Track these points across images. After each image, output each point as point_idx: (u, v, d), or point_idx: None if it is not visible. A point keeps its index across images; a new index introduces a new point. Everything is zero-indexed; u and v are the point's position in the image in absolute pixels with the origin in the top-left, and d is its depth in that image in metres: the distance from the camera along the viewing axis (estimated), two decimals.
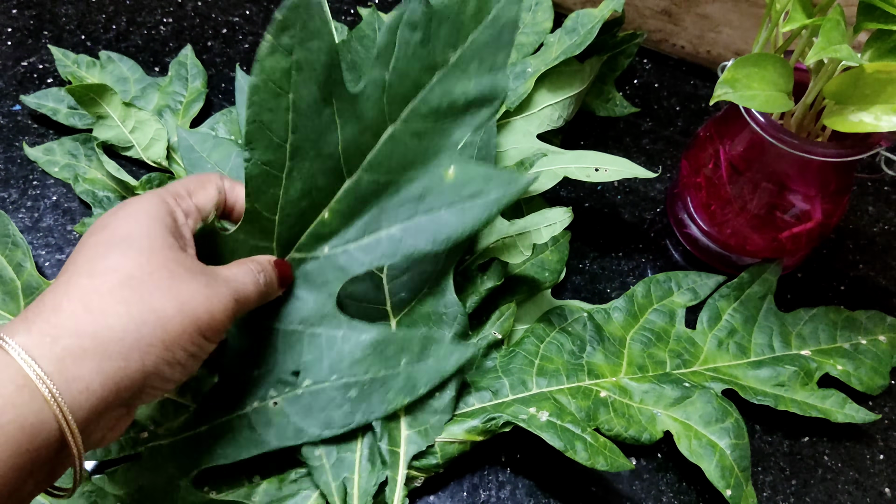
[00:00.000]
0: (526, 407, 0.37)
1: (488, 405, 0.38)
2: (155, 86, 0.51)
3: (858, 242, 0.49)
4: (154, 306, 0.28)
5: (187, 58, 0.52)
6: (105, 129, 0.47)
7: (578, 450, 0.35)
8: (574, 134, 0.53)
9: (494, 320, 0.41)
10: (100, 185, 0.46)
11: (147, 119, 0.48)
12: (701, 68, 0.57)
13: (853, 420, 0.39)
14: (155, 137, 0.48)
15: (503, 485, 0.39)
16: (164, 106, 0.50)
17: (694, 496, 0.39)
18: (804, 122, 0.39)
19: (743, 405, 0.39)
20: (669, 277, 0.44)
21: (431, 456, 0.37)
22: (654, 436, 0.38)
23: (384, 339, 0.36)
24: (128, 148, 0.48)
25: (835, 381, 0.41)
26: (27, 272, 0.41)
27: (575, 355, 0.40)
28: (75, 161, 0.48)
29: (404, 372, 0.36)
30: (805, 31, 0.36)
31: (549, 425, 0.36)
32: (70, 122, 0.49)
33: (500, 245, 0.41)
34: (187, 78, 0.51)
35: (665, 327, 0.42)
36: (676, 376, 0.40)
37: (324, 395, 0.36)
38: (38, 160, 0.48)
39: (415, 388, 0.36)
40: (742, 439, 0.37)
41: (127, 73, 0.51)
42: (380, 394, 0.36)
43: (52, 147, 0.48)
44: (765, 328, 0.43)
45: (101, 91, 0.47)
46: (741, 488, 0.36)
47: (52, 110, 0.50)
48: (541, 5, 0.52)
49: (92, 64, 0.51)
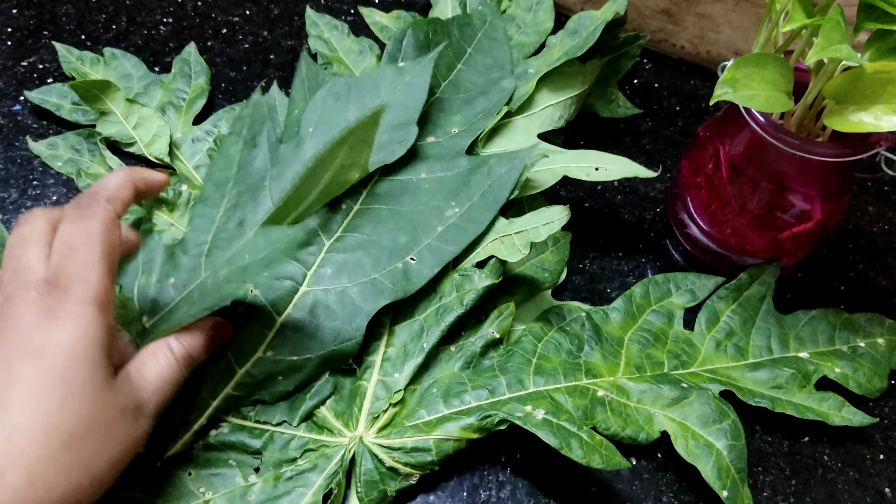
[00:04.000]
0: (522, 405, 0.37)
1: (484, 403, 0.38)
2: (158, 83, 0.51)
3: (858, 242, 0.49)
4: (93, 472, 0.28)
5: (191, 55, 0.52)
6: (108, 125, 0.48)
7: (574, 447, 0.35)
8: (574, 134, 0.53)
9: (493, 319, 0.41)
10: None
11: (150, 115, 0.48)
12: (701, 68, 0.57)
13: (850, 423, 0.39)
14: (158, 134, 0.48)
15: (503, 485, 0.39)
16: (167, 102, 0.50)
17: (693, 496, 0.39)
18: (804, 122, 0.39)
19: (742, 405, 0.39)
20: (668, 278, 0.44)
21: (426, 453, 0.36)
22: (651, 435, 0.38)
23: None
24: (130, 144, 0.48)
25: (833, 384, 0.41)
26: None
27: (573, 355, 0.40)
28: (78, 156, 0.48)
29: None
30: (805, 31, 0.36)
31: (544, 423, 0.36)
32: (73, 117, 0.50)
33: (497, 243, 0.41)
34: (190, 75, 0.52)
35: (663, 328, 0.42)
36: (674, 377, 0.40)
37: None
38: (42, 154, 0.48)
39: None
40: (739, 440, 0.37)
41: (130, 70, 0.52)
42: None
43: (55, 142, 0.49)
44: (763, 330, 0.43)
45: (105, 87, 0.47)
46: (737, 489, 0.36)
47: (55, 105, 0.50)
48: (542, 5, 0.52)
49: (96, 60, 0.52)
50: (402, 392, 0.39)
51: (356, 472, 0.36)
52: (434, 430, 0.37)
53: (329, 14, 0.55)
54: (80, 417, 0.27)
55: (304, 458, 0.37)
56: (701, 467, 0.36)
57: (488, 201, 0.42)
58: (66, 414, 0.26)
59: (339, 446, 0.37)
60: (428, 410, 0.38)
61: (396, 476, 0.37)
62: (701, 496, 0.39)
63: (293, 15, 0.58)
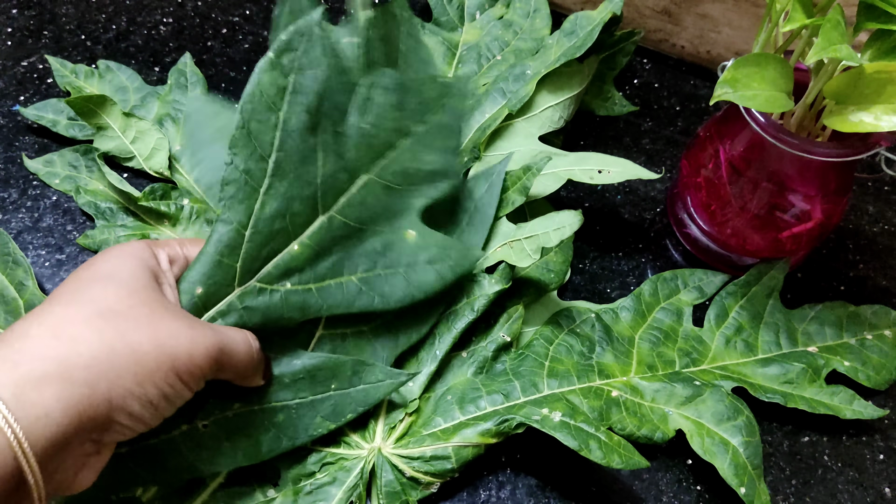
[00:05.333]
0: (538, 408, 0.37)
1: (500, 408, 0.38)
2: (154, 95, 0.50)
3: (858, 242, 0.49)
4: (129, 338, 0.27)
5: (186, 66, 0.52)
6: (106, 140, 0.47)
7: (593, 449, 0.35)
8: (574, 134, 0.53)
9: (502, 323, 0.41)
10: (102, 196, 0.46)
11: (148, 129, 0.47)
12: (701, 68, 0.57)
13: (861, 416, 0.39)
14: (156, 147, 0.47)
15: (503, 485, 0.39)
16: (165, 115, 0.49)
17: (694, 496, 0.39)
18: (804, 122, 0.39)
19: (749, 404, 0.39)
20: (676, 275, 0.44)
21: (446, 460, 0.36)
22: (666, 434, 0.38)
23: (317, 365, 0.36)
24: (129, 158, 0.47)
25: (842, 378, 0.42)
26: (29, 291, 0.41)
27: (585, 356, 0.41)
28: (76, 172, 0.47)
29: (334, 397, 0.36)
30: (805, 31, 0.36)
31: (562, 425, 0.36)
32: (70, 133, 0.49)
33: (506, 248, 0.41)
34: (187, 86, 0.51)
35: (673, 326, 0.42)
36: (686, 375, 0.40)
37: (252, 418, 0.35)
38: (39, 172, 0.47)
39: (342, 414, 0.36)
40: (754, 437, 0.37)
41: (126, 83, 0.51)
42: (306, 419, 0.36)
43: (52, 159, 0.48)
44: (771, 325, 0.43)
45: (101, 102, 0.46)
46: (754, 486, 0.36)
47: (51, 122, 0.49)
48: (539, 12, 0.52)
49: (90, 73, 0.51)
50: (418, 401, 0.38)
51: (377, 483, 0.36)
52: (452, 437, 0.37)
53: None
54: (120, 297, 0.29)
55: (322, 471, 0.36)
56: (718, 465, 0.36)
57: (475, 225, 0.41)
58: (106, 295, 0.29)
59: (358, 458, 0.37)
60: (444, 418, 0.38)
61: (417, 485, 0.37)
62: (701, 496, 0.39)
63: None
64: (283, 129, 0.34)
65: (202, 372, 0.30)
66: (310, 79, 0.34)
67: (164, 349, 0.28)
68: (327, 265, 0.36)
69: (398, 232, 0.37)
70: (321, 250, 0.36)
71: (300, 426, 0.35)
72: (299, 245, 0.35)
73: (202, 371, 0.30)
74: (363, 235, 0.37)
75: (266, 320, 0.35)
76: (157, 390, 0.28)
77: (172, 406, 0.29)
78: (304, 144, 0.34)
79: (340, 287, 0.36)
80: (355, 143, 0.36)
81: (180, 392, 0.29)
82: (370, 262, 0.36)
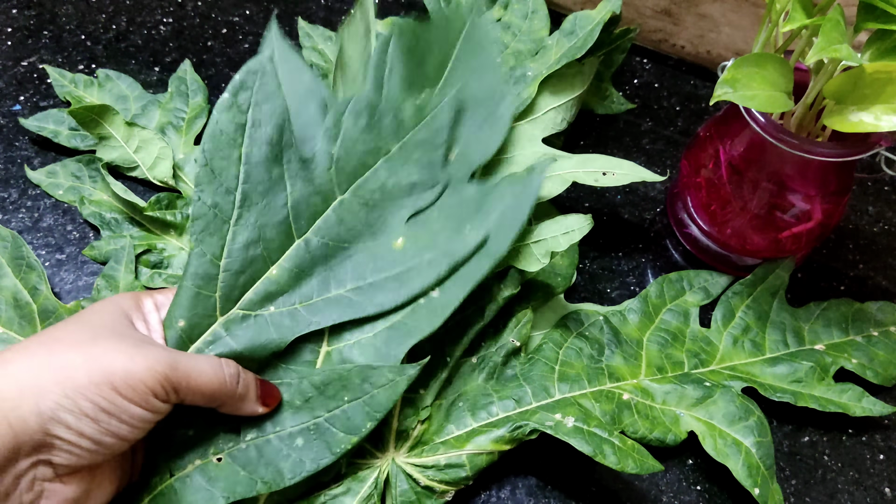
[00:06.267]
0: (551, 413, 0.37)
1: (513, 414, 0.38)
2: (155, 103, 0.50)
3: (858, 242, 0.49)
4: (59, 356, 0.29)
5: (186, 73, 0.51)
6: (108, 150, 0.47)
7: (608, 454, 0.35)
8: (574, 134, 0.53)
9: (511, 328, 0.41)
10: (106, 206, 0.46)
11: (151, 138, 0.47)
12: (701, 68, 0.57)
13: (871, 413, 0.40)
14: (160, 156, 0.47)
15: (503, 484, 0.39)
16: (167, 123, 0.49)
17: (694, 496, 0.39)
18: (804, 122, 0.39)
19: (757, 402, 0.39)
20: (681, 276, 0.45)
21: (460, 468, 0.36)
22: (678, 436, 0.38)
23: (324, 381, 0.35)
24: (133, 168, 0.47)
25: (850, 375, 0.42)
26: (43, 295, 0.41)
27: (594, 359, 0.41)
28: (80, 183, 0.47)
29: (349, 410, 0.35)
30: (805, 31, 0.36)
31: (576, 431, 0.36)
32: (72, 143, 0.48)
33: (515, 253, 0.41)
34: (188, 94, 0.50)
35: (680, 327, 0.43)
36: (696, 376, 0.40)
37: (269, 448, 0.34)
38: (42, 183, 0.47)
39: (362, 424, 0.35)
40: (766, 437, 0.37)
41: (126, 91, 0.50)
42: (327, 437, 0.35)
43: (55, 170, 0.47)
44: (777, 324, 0.43)
45: (103, 111, 0.46)
46: (767, 486, 0.36)
47: (53, 132, 0.48)
48: (537, 14, 0.52)
49: (90, 83, 0.50)
50: (430, 408, 0.38)
51: (391, 493, 0.36)
52: (465, 445, 0.37)
53: (329, 14, 0.55)
54: (71, 331, 0.30)
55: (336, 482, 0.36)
56: (731, 466, 0.36)
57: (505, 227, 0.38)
58: (60, 328, 0.31)
59: (372, 468, 0.37)
60: (457, 425, 0.37)
61: (432, 494, 0.36)
62: (701, 496, 0.39)
63: (293, 15, 0.58)
64: (247, 163, 0.35)
65: (146, 387, 0.29)
66: (266, 113, 0.35)
67: (97, 363, 0.29)
68: (312, 285, 0.36)
69: (385, 244, 0.37)
70: (300, 272, 0.36)
71: (322, 447, 0.34)
72: (277, 269, 0.35)
73: (146, 386, 0.29)
74: (347, 252, 0.36)
75: (257, 345, 0.35)
76: (91, 403, 0.28)
77: (120, 421, 0.29)
78: (270, 174, 0.35)
79: (330, 302, 0.36)
80: (325, 168, 0.36)
81: (123, 407, 0.29)
82: (358, 276, 0.36)
